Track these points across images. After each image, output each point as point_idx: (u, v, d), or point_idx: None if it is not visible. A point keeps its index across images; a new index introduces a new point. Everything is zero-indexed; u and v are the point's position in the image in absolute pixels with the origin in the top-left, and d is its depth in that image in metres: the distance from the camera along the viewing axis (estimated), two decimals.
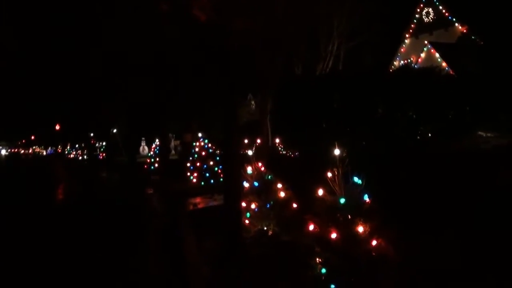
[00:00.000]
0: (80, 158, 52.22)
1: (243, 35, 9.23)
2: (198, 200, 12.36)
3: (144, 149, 37.42)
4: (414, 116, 14.50)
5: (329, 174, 5.17)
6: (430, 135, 14.35)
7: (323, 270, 4.96)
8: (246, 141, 10.48)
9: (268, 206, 7.51)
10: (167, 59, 14.87)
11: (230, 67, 7.08)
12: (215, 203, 11.34)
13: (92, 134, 47.38)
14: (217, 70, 9.41)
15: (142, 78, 18.37)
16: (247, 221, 7.46)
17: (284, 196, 7.56)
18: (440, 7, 26.49)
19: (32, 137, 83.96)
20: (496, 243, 6.70)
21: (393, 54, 28.38)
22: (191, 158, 15.59)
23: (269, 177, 7.95)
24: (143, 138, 37.46)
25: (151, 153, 24.05)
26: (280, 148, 18.30)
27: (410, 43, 28.07)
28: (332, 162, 5.20)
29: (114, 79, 21.94)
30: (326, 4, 19.80)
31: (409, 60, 26.51)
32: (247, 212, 7.51)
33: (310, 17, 18.96)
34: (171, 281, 6.78)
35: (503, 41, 18.48)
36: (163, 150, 19.76)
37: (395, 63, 27.95)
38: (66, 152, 65.25)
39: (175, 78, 16.07)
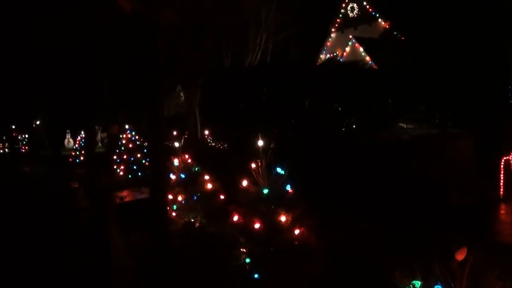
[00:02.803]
0: (1, 151, 49.70)
1: (170, 26, 9.15)
2: (125, 193, 12.17)
3: (69, 141, 36.20)
4: (340, 108, 14.97)
5: (253, 165, 5.25)
6: (354, 126, 14.86)
7: (247, 260, 5.04)
8: (174, 133, 10.42)
9: (195, 198, 7.52)
10: (91, 48, 14.45)
11: (156, 57, 7.01)
12: (142, 196, 11.20)
13: (13, 127, 45.26)
14: (142, 60, 9.28)
15: (65, 68, 17.78)
16: (174, 214, 7.44)
17: (211, 188, 7.60)
18: (364, 3, 27.28)
19: None
20: (414, 228, 7.09)
21: (319, 48, 28.97)
22: (117, 151, 15.28)
23: (196, 169, 7.96)
24: (68, 131, 36.22)
25: (76, 145, 23.29)
26: (209, 140, 18.30)
27: (336, 37, 28.75)
28: (256, 153, 5.28)
29: (36, 69, 21.08)
30: None
31: (335, 54, 27.16)
32: (173, 205, 7.49)
33: (238, 8, 19.03)
34: (96, 275, 6.69)
35: (423, 36, 19.34)
36: (89, 142, 19.23)
37: (321, 56, 28.54)
38: None
39: (99, 68, 15.64)
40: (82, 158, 19.79)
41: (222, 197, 7.52)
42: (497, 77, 16.39)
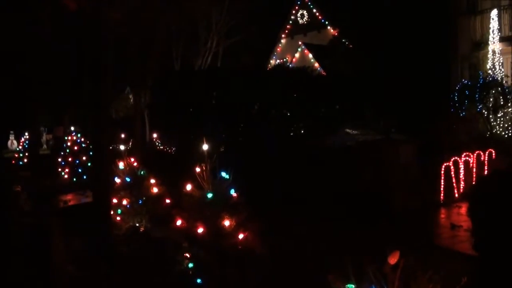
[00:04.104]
0: None
1: (117, 25, 9.01)
2: (69, 197, 11.89)
3: (12, 143, 34.99)
4: (288, 113, 15.09)
5: (198, 170, 5.24)
6: (302, 131, 15.02)
7: (190, 265, 5.02)
8: (122, 135, 10.26)
9: (140, 202, 7.42)
10: (34, 46, 14.00)
11: (102, 57, 6.89)
12: (87, 199, 10.96)
13: None
14: (87, 61, 9.09)
15: (7, 66, 17.20)
16: (118, 218, 7.32)
17: (156, 192, 7.52)
18: (314, 10, 27.67)
19: None
20: (355, 232, 7.24)
21: (269, 53, 29.18)
22: (62, 153, 14.91)
23: (142, 172, 7.85)
24: (11, 131, 34.99)
25: (20, 147, 22.59)
26: (157, 143, 18.12)
27: (286, 43, 29.04)
28: (202, 157, 5.27)
29: None
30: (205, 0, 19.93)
31: (284, 60, 27.42)
32: (118, 209, 7.36)
33: (188, 11, 18.92)
34: (35, 282, 6.48)
35: (370, 45, 19.85)
36: (33, 144, 18.67)
37: (271, 61, 28.76)
38: None
39: (43, 67, 15.17)
40: (26, 160, 19.20)
41: (168, 201, 7.45)
42: (439, 86, 17.06)
